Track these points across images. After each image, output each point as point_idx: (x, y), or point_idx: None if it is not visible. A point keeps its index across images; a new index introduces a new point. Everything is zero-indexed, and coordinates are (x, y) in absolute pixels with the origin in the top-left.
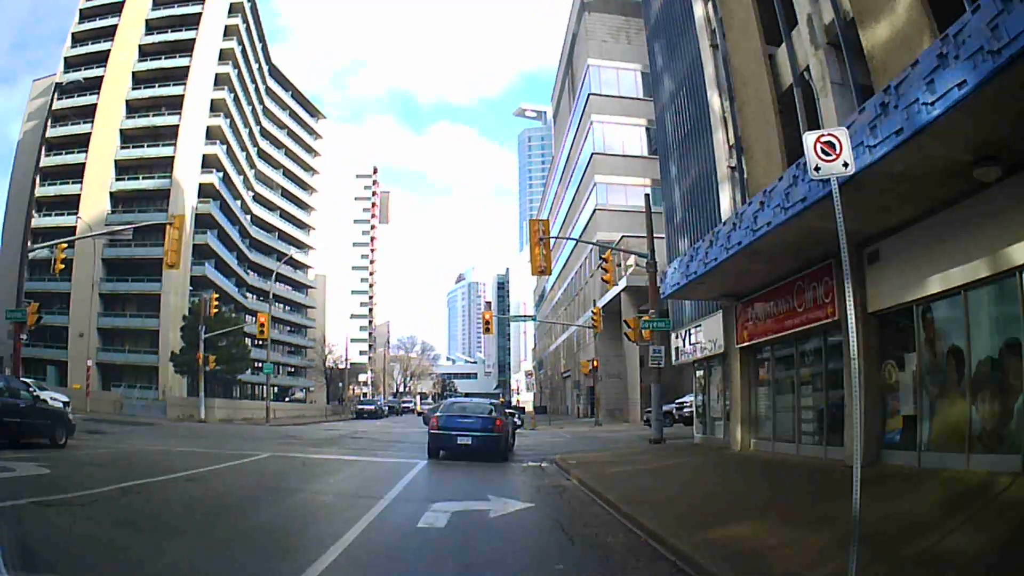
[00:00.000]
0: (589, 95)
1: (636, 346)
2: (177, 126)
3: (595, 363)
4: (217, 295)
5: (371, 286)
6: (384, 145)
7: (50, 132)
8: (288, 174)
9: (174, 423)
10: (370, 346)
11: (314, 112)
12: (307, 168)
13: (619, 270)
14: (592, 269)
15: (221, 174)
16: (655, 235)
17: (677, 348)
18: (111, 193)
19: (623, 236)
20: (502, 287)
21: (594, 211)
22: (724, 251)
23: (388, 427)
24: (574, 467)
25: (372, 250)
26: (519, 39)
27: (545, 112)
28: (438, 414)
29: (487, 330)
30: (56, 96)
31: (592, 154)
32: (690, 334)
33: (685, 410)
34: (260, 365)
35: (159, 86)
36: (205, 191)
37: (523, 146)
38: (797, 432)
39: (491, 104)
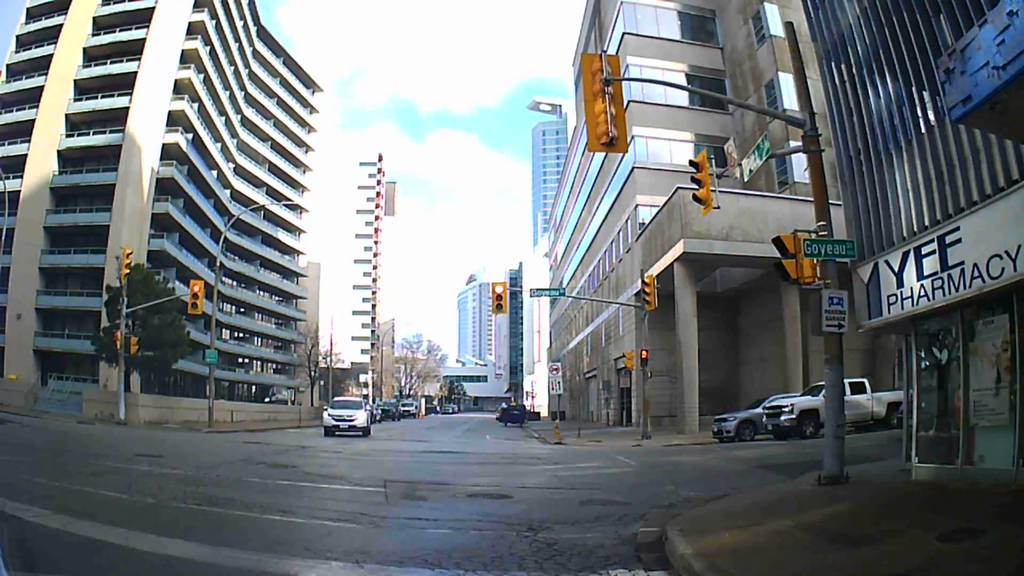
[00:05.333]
0: (624, 34)
1: (693, 334)
2: (135, 73)
3: (644, 353)
4: (121, 258)
5: (375, 281)
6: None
7: (4, 88)
8: (277, 148)
9: (78, 424)
10: (372, 344)
11: (309, 83)
12: (301, 144)
13: (716, 182)
14: (628, 243)
15: (191, 135)
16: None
17: (877, 294)
18: (59, 151)
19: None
20: (515, 283)
21: (632, 169)
22: None
23: (357, 443)
24: None
25: (376, 242)
26: (518, 49)
27: (560, 106)
28: None
29: (499, 308)
30: (14, 50)
31: (628, 102)
32: (917, 259)
33: (782, 417)
34: (237, 352)
35: (120, 31)
36: (169, 152)
37: (537, 140)
38: None
39: (490, 113)
